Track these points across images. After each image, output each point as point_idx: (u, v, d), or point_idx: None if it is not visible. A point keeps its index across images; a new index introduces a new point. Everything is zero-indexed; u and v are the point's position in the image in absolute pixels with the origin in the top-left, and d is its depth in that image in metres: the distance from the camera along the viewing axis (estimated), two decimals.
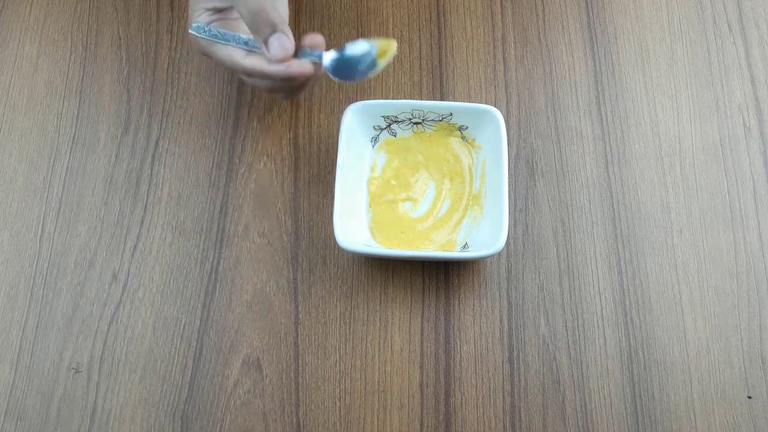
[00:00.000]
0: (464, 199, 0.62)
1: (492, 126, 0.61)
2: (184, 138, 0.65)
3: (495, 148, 0.60)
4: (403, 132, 0.63)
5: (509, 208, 0.60)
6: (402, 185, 0.62)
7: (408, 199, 0.62)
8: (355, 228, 0.60)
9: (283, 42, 0.47)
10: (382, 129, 0.63)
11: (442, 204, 0.62)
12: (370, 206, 0.61)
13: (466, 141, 0.63)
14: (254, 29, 0.49)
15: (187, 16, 0.69)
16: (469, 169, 0.62)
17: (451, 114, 0.62)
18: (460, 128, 0.63)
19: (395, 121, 0.63)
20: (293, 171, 0.64)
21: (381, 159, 0.63)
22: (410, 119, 0.63)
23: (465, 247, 0.59)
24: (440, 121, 0.63)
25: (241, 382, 0.57)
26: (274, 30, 0.48)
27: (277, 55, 0.48)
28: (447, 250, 0.60)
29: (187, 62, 0.68)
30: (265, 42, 0.49)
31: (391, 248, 0.60)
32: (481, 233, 0.59)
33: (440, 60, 0.68)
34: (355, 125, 0.61)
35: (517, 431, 0.56)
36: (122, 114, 0.66)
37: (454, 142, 0.63)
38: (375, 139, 0.63)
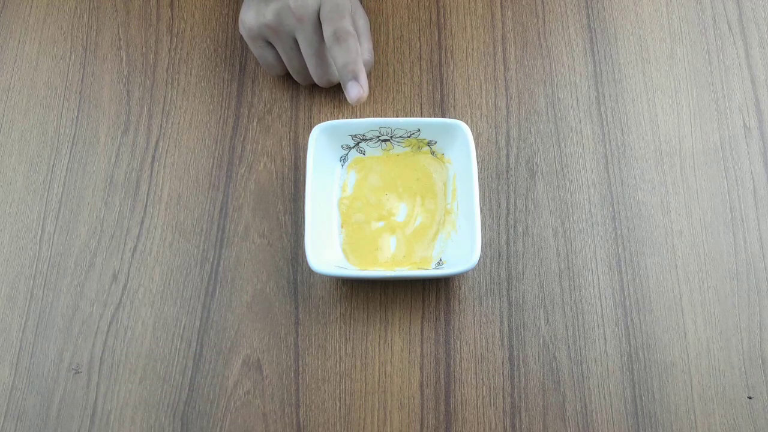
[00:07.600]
0: (437, 215, 0.61)
1: (460, 140, 0.61)
2: (184, 138, 0.65)
3: (464, 163, 0.60)
4: (372, 150, 0.63)
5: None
6: (373, 204, 0.62)
7: (380, 218, 0.61)
8: (327, 249, 0.59)
9: (358, 90, 0.60)
10: (351, 148, 0.63)
11: (414, 221, 0.61)
12: (342, 226, 0.61)
13: (436, 156, 0.63)
14: (341, 75, 0.60)
15: (187, 17, 0.69)
16: (443, 184, 0.62)
17: (419, 130, 0.62)
18: (429, 143, 0.62)
19: (363, 140, 0.62)
20: (293, 171, 0.64)
21: (351, 178, 0.63)
22: (378, 137, 0.62)
23: (440, 263, 0.59)
24: (408, 137, 0.62)
25: (241, 383, 0.57)
26: (354, 78, 0.60)
27: (352, 98, 0.60)
28: (422, 268, 0.59)
29: (187, 62, 0.68)
30: (345, 85, 0.60)
31: (365, 268, 0.59)
32: (455, 249, 0.59)
33: (440, 60, 0.68)
34: (322, 146, 0.61)
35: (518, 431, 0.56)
36: (122, 114, 0.66)
37: (424, 158, 0.63)
38: (344, 159, 0.63)
